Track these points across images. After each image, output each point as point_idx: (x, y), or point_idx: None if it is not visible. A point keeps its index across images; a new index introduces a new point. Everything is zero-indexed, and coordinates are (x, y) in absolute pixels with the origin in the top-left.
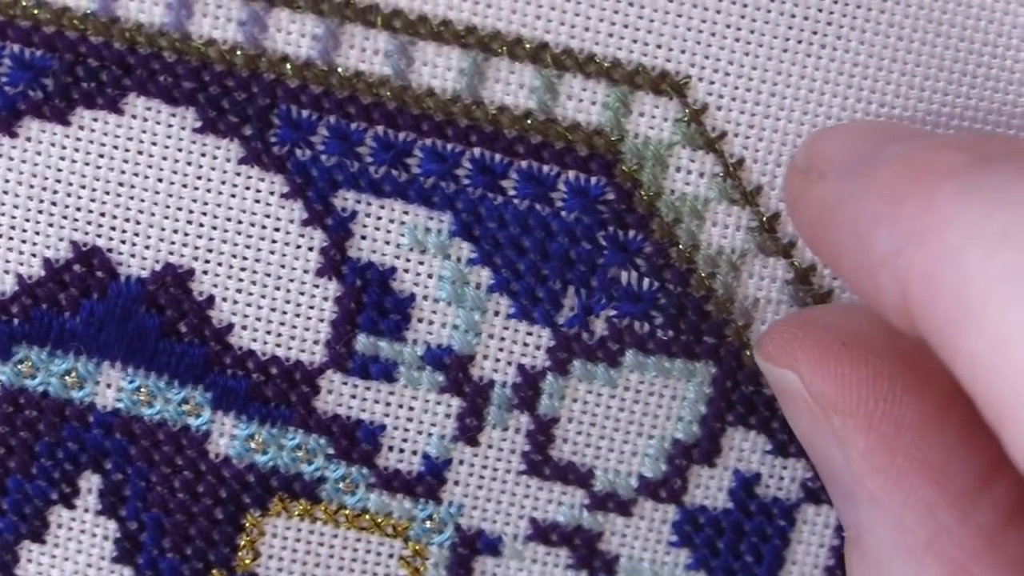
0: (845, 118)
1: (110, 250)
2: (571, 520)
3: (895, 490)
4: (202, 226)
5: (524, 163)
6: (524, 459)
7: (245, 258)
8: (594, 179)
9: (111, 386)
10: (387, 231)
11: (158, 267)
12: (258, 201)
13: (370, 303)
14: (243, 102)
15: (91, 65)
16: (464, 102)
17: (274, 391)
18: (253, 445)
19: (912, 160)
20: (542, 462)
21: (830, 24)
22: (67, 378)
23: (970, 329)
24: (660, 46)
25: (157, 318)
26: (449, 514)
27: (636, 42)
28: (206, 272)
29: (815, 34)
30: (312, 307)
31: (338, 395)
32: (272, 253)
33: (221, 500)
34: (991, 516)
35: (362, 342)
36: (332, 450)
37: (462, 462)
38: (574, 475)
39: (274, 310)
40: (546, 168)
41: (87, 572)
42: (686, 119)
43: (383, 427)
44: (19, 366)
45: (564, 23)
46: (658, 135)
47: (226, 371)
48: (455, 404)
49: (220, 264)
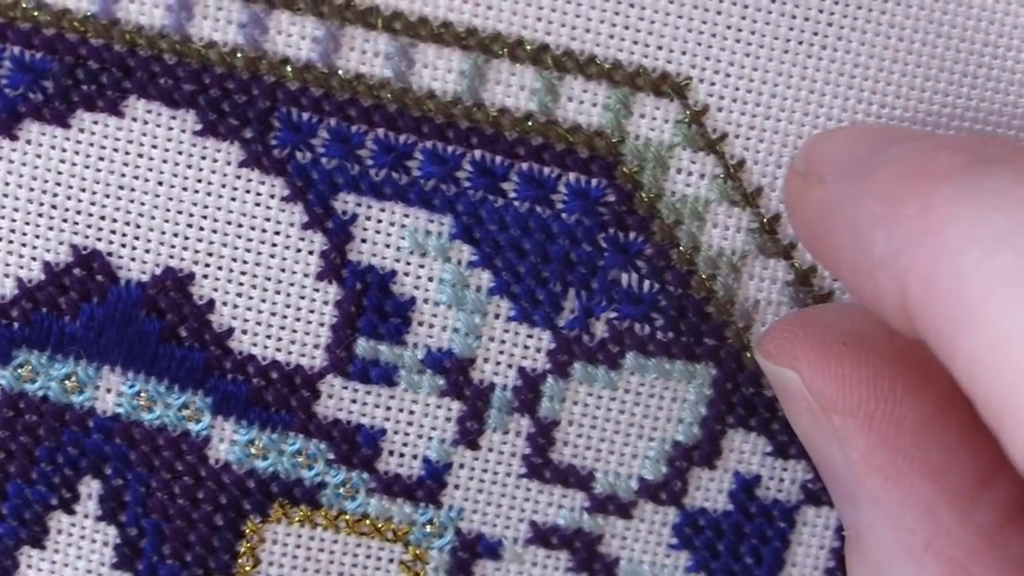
0: (846, 119)
1: (110, 254)
2: (571, 523)
3: (895, 490)
4: (202, 229)
5: (525, 165)
6: (524, 462)
7: (245, 262)
8: (595, 181)
9: (111, 391)
10: (387, 234)
11: (158, 271)
12: (258, 204)
13: (370, 307)
14: (243, 105)
15: (91, 67)
16: (465, 104)
17: (274, 396)
18: (253, 450)
19: (910, 162)
20: (542, 465)
21: (831, 25)
22: (67, 382)
23: (969, 330)
24: (661, 47)
25: (157, 322)
26: (449, 518)
27: (637, 44)
28: (206, 276)
29: (816, 35)
30: (312, 311)
31: (338, 399)
32: (272, 257)
33: (221, 506)
34: (990, 516)
35: (362, 346)
36: (332, 455)
37: (462, 466)
38: (574, 478)
39: (274, 314)
40: (547, 170)
41: None
42: (687, 121)
43: (383, 431)
44: (19, 370)
45: (565, 25)
46: (659, 137)
47: (226, 376)
48: (455, 408)
49: (220, 268)
